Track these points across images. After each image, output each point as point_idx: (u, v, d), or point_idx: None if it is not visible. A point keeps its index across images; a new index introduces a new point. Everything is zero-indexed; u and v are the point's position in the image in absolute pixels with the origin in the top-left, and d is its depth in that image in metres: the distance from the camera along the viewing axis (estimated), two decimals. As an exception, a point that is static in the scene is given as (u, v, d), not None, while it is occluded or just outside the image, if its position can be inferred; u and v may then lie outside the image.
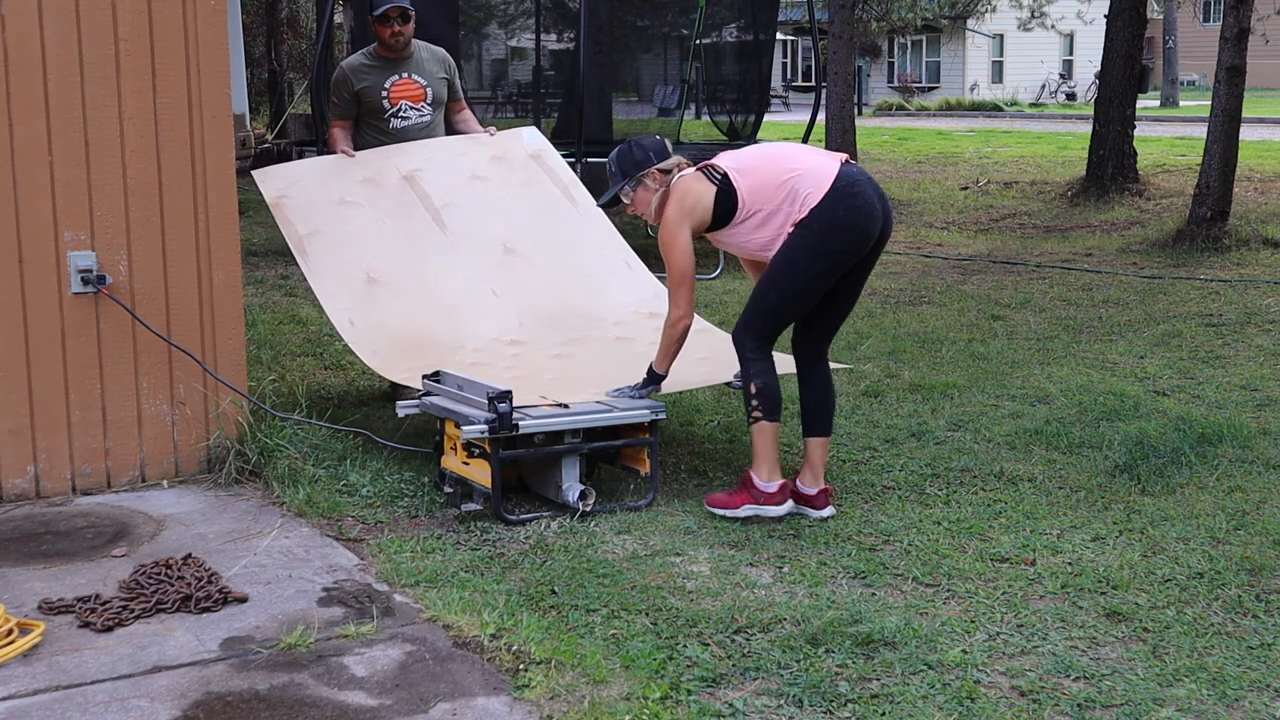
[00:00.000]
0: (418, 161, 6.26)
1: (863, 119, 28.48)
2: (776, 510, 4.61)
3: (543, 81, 15.13)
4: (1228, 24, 11.21)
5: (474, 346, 5.63)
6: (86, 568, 4.29)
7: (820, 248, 4.60)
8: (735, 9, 14.64)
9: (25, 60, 4.80)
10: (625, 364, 5.29)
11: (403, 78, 6.30)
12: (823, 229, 4.58)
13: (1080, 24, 39.39)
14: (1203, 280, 9.82)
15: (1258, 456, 5.34)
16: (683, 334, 4.76)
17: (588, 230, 6.33)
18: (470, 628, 3.75)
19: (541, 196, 6.39)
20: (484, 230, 6.14)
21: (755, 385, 4.65)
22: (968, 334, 8.00)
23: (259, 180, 6.10)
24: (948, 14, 36.35)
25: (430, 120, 6.43)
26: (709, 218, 4.69)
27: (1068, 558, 4.34)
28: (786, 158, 4.72)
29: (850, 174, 4.64)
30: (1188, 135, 22.62)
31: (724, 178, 4.67)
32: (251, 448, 5.17)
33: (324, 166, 6.25)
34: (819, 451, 4.78)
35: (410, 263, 5.91)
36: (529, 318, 5.86)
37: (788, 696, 3.38)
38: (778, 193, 4.62)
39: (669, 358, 4.84)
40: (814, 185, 4.60)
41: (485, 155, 6.46)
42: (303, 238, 5.82)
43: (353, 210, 6.00)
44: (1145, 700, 3.35)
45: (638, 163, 4.82)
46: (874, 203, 4.64)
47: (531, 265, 6.10)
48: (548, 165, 6.56)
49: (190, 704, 3.35)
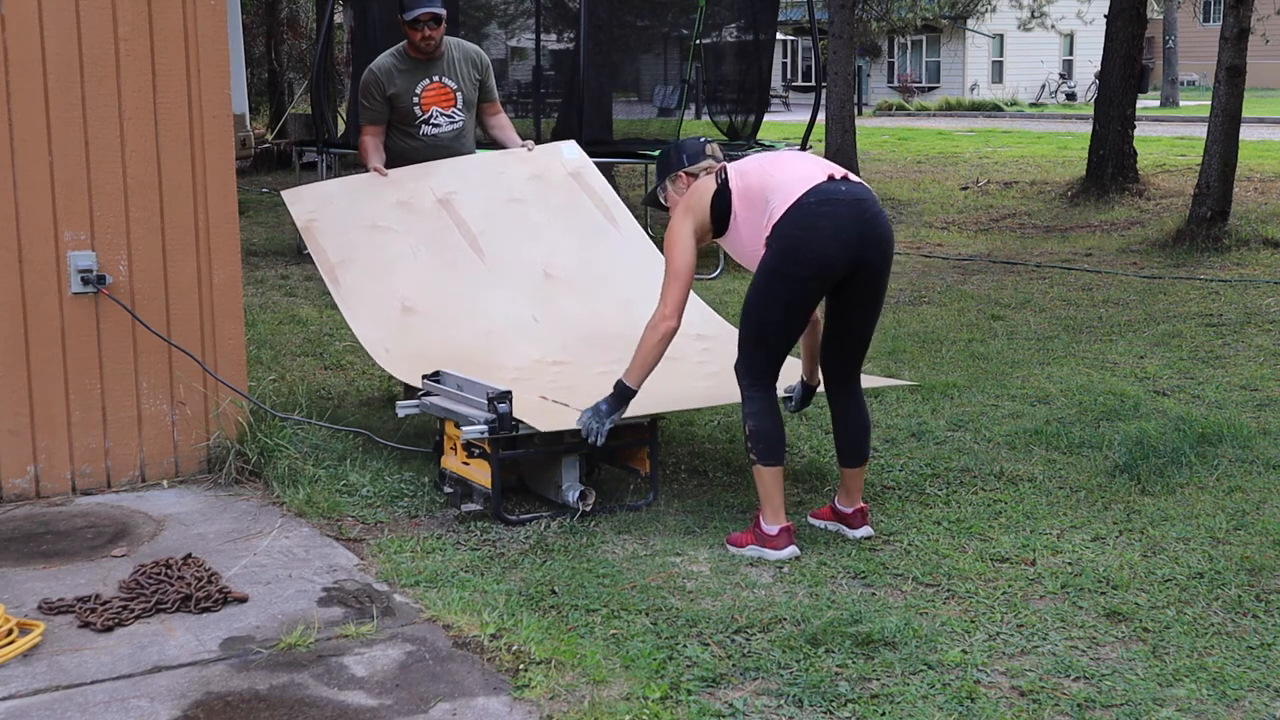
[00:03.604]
0: (453, 183, 6.06)
1: (863, 119, 28.49)
2: (777, 554, 4.33)
3: (543, 81, 15.13)
4: (1228, 24, 11.21)
5: (515, 365, 5.45)
6: (86, 568, 4.29)
7: (777, 269, 4.30)
8: (735, 9, 14.64)
9: (25, 60, 4.80)
10: (677, 382, 5.11)
11: (434, 81, 6.06)
12: (780, 247, 4.29)
13: (1080, 24, 39.39)
14: (1203, 280, 9.82)
15: (1258, 456, 5.34)
16: (664, 338, 4.42)
17: (630, 253, 6.12)
18: (470, 628, 3.75)
19: (582, 219, 6.18)
20: (523, 256, 5.94)
21: (749, 427, 4.40)
22: (968, 334, 8.00)
23: (288, 201, 5.94)
24: (948, 14, 36.32)
25: (461, 126, 6.20)
26: (707, 218, 4.48)
27: (1068, 558, 4.34)
28: (778, 165, 4.49)
29: (827, 191, 4.29)
30: (1188, 135, 22.62)
31: (725, 178, 4.50)
32: (251, 448, 5.17)
33: (356, 187, 6.04)
34: (853, 479, 4.58)
35: (447, 292, 5.72)
36: (571, 340, 5.67)
37: (788, 696, 3.38)
38: (757, 201, 4.38)
39: (644, 369, 4.45)
40: (782, 199, 4.30)
41: (523, 174, 6.24)
42: (334, 265, 5.64)
43: (386, 236, 5.80)
44: (1145, 700, 3.35)
45: (671, 165, 4.68)
46: (843, 226, 4.25)
47: (572, 290, 5.90)
48: (588, 184, 6.32)
49: (190, 704, 3.35)
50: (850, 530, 4.57)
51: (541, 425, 4.55)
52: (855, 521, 4.58)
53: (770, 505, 4.38)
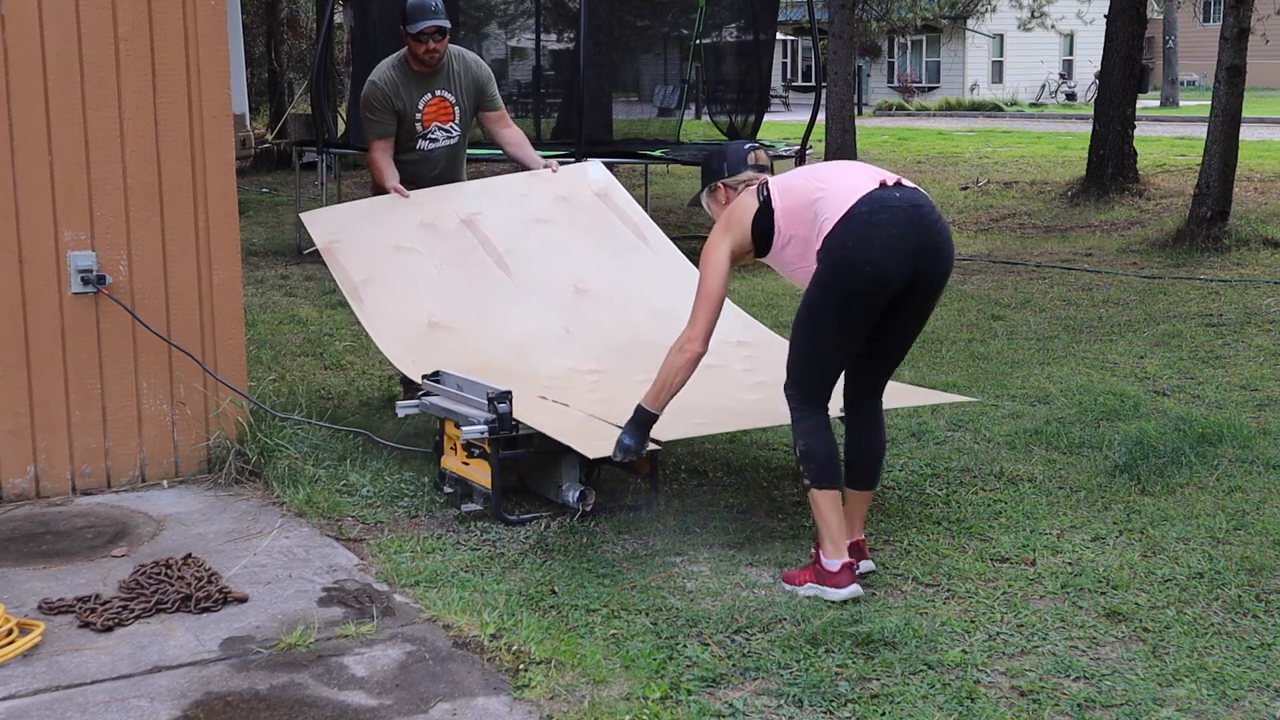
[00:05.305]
0: (477, 204, 5.95)
1: (863, 119, 28.49)
2: (838, 594, 3.98)
3: (543, 81, 15.14)
4: (1228, 24, 11.21)
5: (549, 374, 5.31)
6: (86, 568, 4.29)
7: (829, 283, 4.00)
8: (735, 9, 14.66)
9: (25, 60, 4.80)
10: (722, 389, 5.01)
11: (435, 95, 5.98)
12: (832, 261, 3.98)
13: (1080, 24, 39.40)
14: (1203, 280, 9.82)
15: (1258, 456, 5.34)
16: (690, 362, 4.14)
17: (663, 267, 5.97)
18: (470, 628, 3.75)
19: (611, 237, 6.04)
20: (551, 272, 5.79)
21: (800, 448, 4.12)
22: (968, 334, 8.00)
23: (308, 224, 5.84)
24: (948, 14, 36.33)
25: (456, 140, 6.13)
26: (748, 238, 4.16)
27: (1068, 558, 4.34)
28: (825, 176, 4.15)
29: (880, 199, 3.98)
30: (1188, 135, 22.62)
31: (768, 196, 4.17)
32: (251, 448, 5.17)
33: (376, 209, 5.90)
34: (858, 504, 4.27)
35: (474, 307, 5.59)
36: (605, 351, 5.50)
37: (788, 696, 3.38)
38: (805, 215, 4.06)
39: (667, 392, 4.18)
40: (832, 210, 4.00)
41: (549, 195, 6.11)
42: (357, 284, 5.52)
43: (409, 257, 5.68)
44: (1145, 700, 3.35)
45: (713, 172, 4.40)
46: (897, 236, 3.95)
47: (604, 304, 5.74)
48: (616, 205, 6.20)
49: (190, 704, 3.35)
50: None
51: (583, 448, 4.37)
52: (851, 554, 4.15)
53: (829, 536, 4.05)
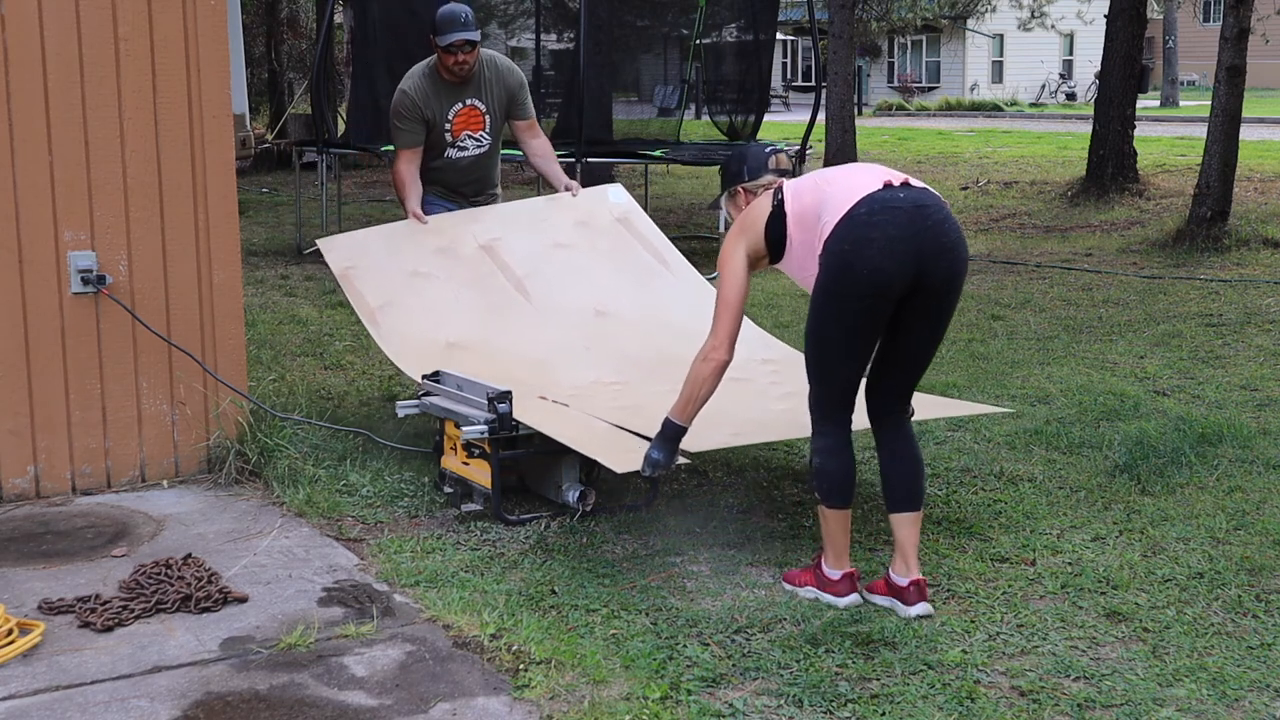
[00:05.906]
0: (496, 230, 5.93)
1: (863, 119, 28.49)
2: (838, 601, 3.95)
3: (543, 81, 15.13)
4: (1228, 24, 11.21)
5: (570, 383, 5.29)
6: (86, 568, 4.29)
7: (830, 288, 3.87)
8: (735, 9, 14.65)
9: (25, 60, 4.80)
10: (747, 401, 4.98)
11: (465, 105, 5.91)
12: (831, 265, 3.85)
13: (1080, 24, 39.40)
14: (1203, 280, 9.82)
15: (1258, 456, 5.34)
16: (715, 371, 4.01)
17: (684, 290, 5.94)
18: (470, 628, 3.75)
19: (631, 261, 6.03)
20: (571, 297, 5.77)
21: (814, 464, 4.02)
22: (968, 334, 8.00)
23: (324, 250, 5.80)
24: (948, 14, 36.34)
25: (487, 149, 6.06)
26: (762, 244, 4.04)
27: (1068, 558, 4.34)
28: (833, 179, 4.02)
29: (881, 200, 3.84)
30: (1188, 135, 22.62)
31: (781, 200, 4.04)
32: (251, 448, 5.17)
33: (393, 235, 5.89)
34: (906, 530, 3.99)
35: (493, 329, 5.57)
36: (627, 365, 5.47)
37: (788, 696, 3.38)
38: (811, 221, 3.93)
39: (695, 404, 4.05)
40: (832, 212, 3.86)
41: (568, 220, 6.09)
42: (374, 309, 5.49)
43: (426, 282, 5.66)
44: (1145, 700, 3.35)
45: (732, 175, 4.30)
46: (896, 237, 3.79)
47: (625, 324, 5.72)
48: (636, 230, 6.17)
49: (190, 704, 3.35)
50: (902, 607, 3.91)
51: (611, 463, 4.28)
52: (909, 597, 3.91)
53: (833, 548, 4.00)
